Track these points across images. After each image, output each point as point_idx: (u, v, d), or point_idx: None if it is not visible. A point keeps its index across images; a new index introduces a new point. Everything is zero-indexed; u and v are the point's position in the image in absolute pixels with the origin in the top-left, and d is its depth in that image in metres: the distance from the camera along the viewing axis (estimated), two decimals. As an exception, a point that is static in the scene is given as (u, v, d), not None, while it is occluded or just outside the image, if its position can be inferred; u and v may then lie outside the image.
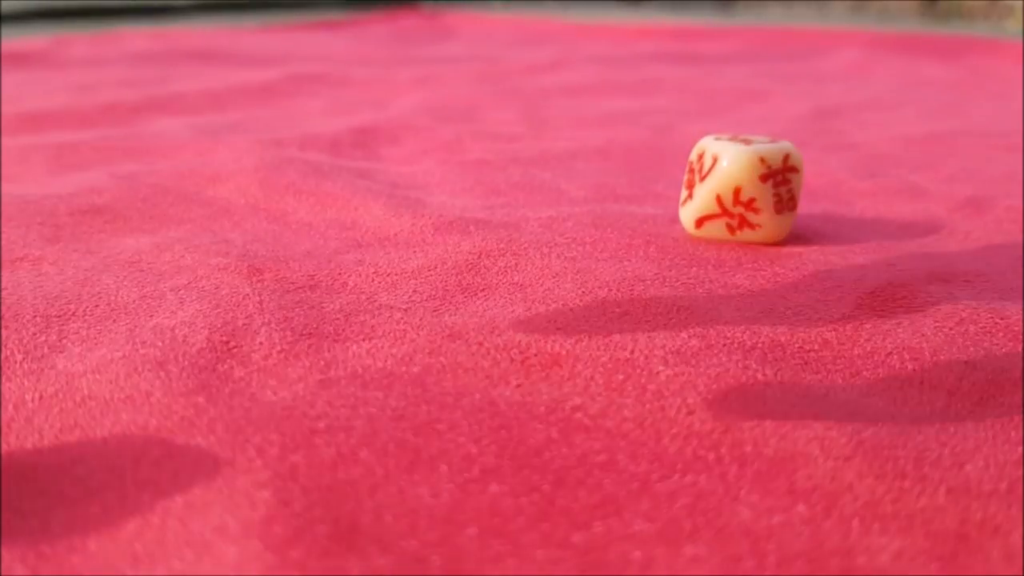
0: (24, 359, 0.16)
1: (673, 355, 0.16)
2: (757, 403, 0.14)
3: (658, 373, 0.15)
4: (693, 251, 0.22)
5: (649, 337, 0.17)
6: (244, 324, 0.18)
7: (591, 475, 0.13)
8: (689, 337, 0.17)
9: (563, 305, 0.18)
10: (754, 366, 0.15)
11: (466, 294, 0.19)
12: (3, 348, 0.17)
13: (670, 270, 0.20)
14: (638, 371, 0.15)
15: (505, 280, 0.20)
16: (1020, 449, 0.13)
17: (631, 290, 0.19)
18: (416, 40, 0.82)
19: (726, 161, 0.22)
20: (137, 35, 0.80)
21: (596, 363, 0.16)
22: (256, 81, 0.51)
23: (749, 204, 0.22)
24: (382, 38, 0.83)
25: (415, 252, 0.22)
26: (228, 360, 0.16)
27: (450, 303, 0.19)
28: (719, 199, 0.22)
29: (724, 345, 0.16)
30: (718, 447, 0.13)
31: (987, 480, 0.12)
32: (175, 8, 1.10)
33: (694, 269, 0.20)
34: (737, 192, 0.22)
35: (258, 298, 0.19)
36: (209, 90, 0.47)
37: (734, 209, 0.22)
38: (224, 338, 0.17)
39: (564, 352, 0.16)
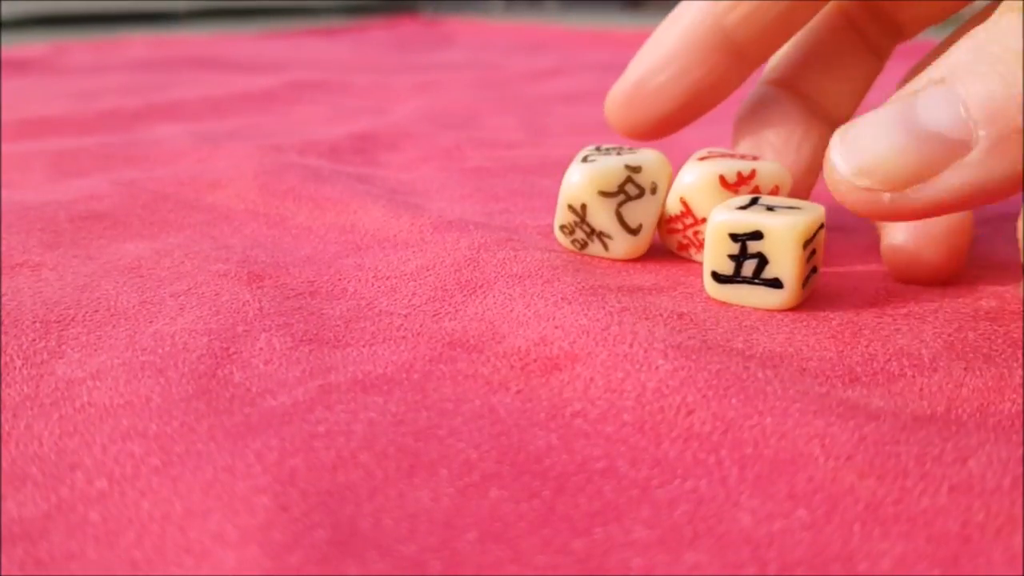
0: (24, 365, 0.16)
1: (673, 349, 0.16)
2: (757, 399, 0.14)
3: (658, 367, 0.15)
4: (690, 261, 0.22)
5: (649, 330, 0.17)
6: (244, 330, 0.18)
7: (591, 481, 0.13)
8: (688, 337, 0.17)
9: (561, 298, 0.18)
10: (754, 367, 0.15)
11: (465, 292, 0.19)
12: (3, 354, 0.17)
13: (668, 279, 0.20)
14: (637, 366, 0.15)
15: (504, 272, 0.20)
16: (1021, 451, 0.13)
17: (631, 296, 0.19)
18: (416, 47, 0.82)
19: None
20: (137, 42, 0.80)
21: (595, 361, 0.16)
22: (256, 88, 0.51)
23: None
24: (382, 45, 0.83)
25: (414, 252, 0.22)
26: (228, 365, 0.16)
27: (449, 304, 0.19)
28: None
29: (723, 347, 0.16)
30: (718, 449, 0.13)
31: (991, 476, 0.12)
32: (175, 15, 1.10)
33: (691, 278, 0.20)
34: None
35: (258, 304, 0.19)
36: (209, 97, 0.48)
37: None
38: (224, 344, 0.17)
39: (563, 353, 0.16)
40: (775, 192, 0.20)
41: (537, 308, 0.18)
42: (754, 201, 0.19)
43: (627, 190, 0.20)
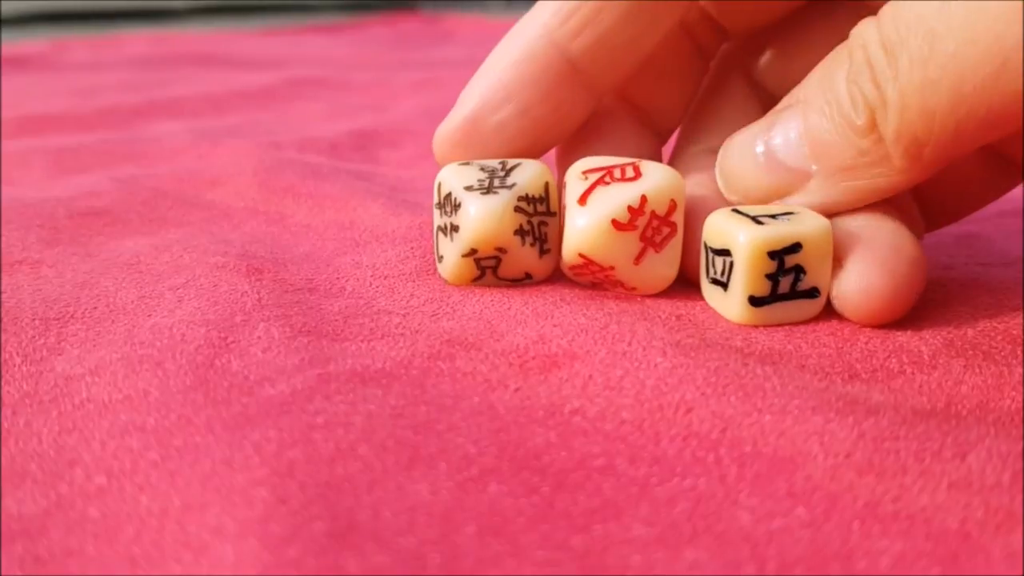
0: (23, 362, 0.16)
1: (672, 347, 0.16)
2: (756, 396, 0.14)
3: (656, 365, 0.15)
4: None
5: (648, 329, 0.17)
6: (242, 320, 0.18)
7: (590, 479, 0.13)
8: (687, 336, 0.17)
9: (560, 298, 0.18)
10: (752, 363, 0.15)
11: (463, 291, 0.19)
12: (2, 351, 0.17)
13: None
14: (636, 364, 0.15)
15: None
16: (1021, 446, 0.13)
17: (629, 299, 0.19)
18: (415, 44, 0.82)
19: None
20: (137, 39, 0.80)
21: (594, 359, 0.16)
22: (256, 85, 0.51)
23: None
24: (381, 42, 0.83)
25: (413, 251, 0.22)
26: (226, 355, 0.16)
27: (447, 304, 0.19)
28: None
29: (721, 345, 0.16)
30: (717, 447, 0.13)
31: (990, 471, 0.12)
32: (175, 12, 1.10)
33: (689, 283, 0.20)
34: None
35: (256, 295, 0.19)
36: (209, 94, 0.48)
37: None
38: (222, 334, 0.17)
39: (561, 351, 0.16)
40: (673, 208, 0.18)
41: (535, 307, 0.18)
42: (746, 214, 0.18)
43: (532, 223, 0.19)
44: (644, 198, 0.18)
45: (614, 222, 0.18)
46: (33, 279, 0.20)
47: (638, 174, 0.18)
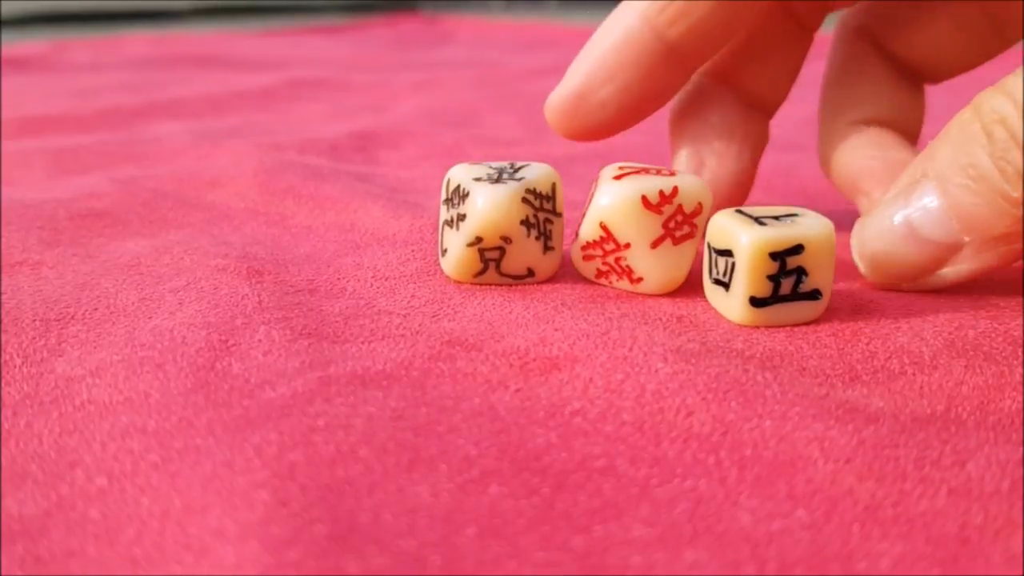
0: (23, 363, 0.16)
1: (673, 353, 0.16)
2: (757, 403, 0.14)
3: (657, 370, 0.15)
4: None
5: (648, 335, 0.17)
6: (243, 323, 0.18)
7: (591, 479, 0.13)
8: (688, 340, 0.17)
9: (561, 303, 0.18)
10: (753, 369, 0.15)
11: (464, 294, 0.19)
12: (3, 352, 0.17)
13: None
14: (637, 369, 0.15)
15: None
16: (1022, 451, 0.13)
17: (630, 301, 0.19)
18: (416, 45, 0.82)
19: None
20: (137, 40, 0.80)
21: (595, 362, 0.16)
22: (256, 86, 0.51)
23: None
24: (382, 43, 0.83)
25: (414, 252, 0.22)
26: (226, 357, 0.16)
27: (448, 306, 0.19)
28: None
29: (723, 349, 0.16)
30: (718, 450, 0.13)
31: (989, 479, 0.12)
32: (175, 13, 1.10)
33: (692, 280, 0.20)
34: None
35: (257, 298, 0.19)
36: (209, 95, 0.48)
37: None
38: (223, 336, 0.17)
39: (562, 354, 0.16)
40: (698, 211, 0.19)
41: (536, 311, 0.18)
42: (749, 215, 0.18)
43: (538, 218, 0.19)
44: (676, 189, 0.18)
45: (644, 198, 0.18)
46: (33, 280, 0.20)
47: (672, 175, 0.19)
